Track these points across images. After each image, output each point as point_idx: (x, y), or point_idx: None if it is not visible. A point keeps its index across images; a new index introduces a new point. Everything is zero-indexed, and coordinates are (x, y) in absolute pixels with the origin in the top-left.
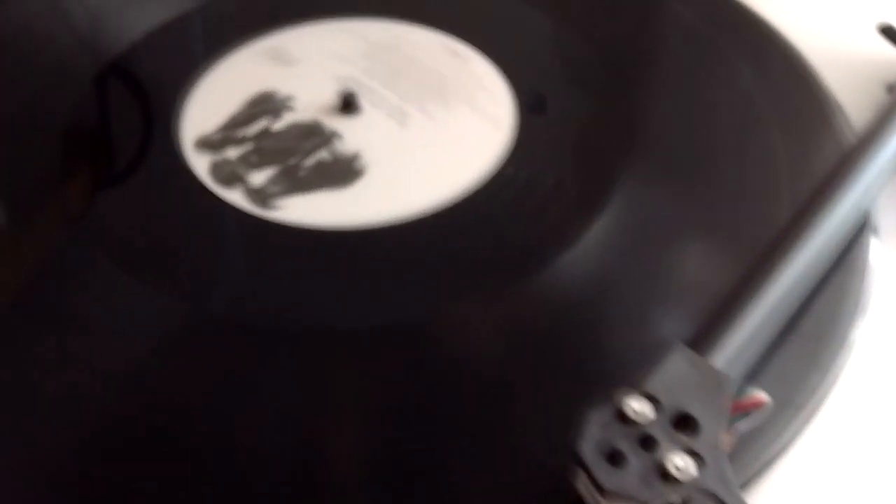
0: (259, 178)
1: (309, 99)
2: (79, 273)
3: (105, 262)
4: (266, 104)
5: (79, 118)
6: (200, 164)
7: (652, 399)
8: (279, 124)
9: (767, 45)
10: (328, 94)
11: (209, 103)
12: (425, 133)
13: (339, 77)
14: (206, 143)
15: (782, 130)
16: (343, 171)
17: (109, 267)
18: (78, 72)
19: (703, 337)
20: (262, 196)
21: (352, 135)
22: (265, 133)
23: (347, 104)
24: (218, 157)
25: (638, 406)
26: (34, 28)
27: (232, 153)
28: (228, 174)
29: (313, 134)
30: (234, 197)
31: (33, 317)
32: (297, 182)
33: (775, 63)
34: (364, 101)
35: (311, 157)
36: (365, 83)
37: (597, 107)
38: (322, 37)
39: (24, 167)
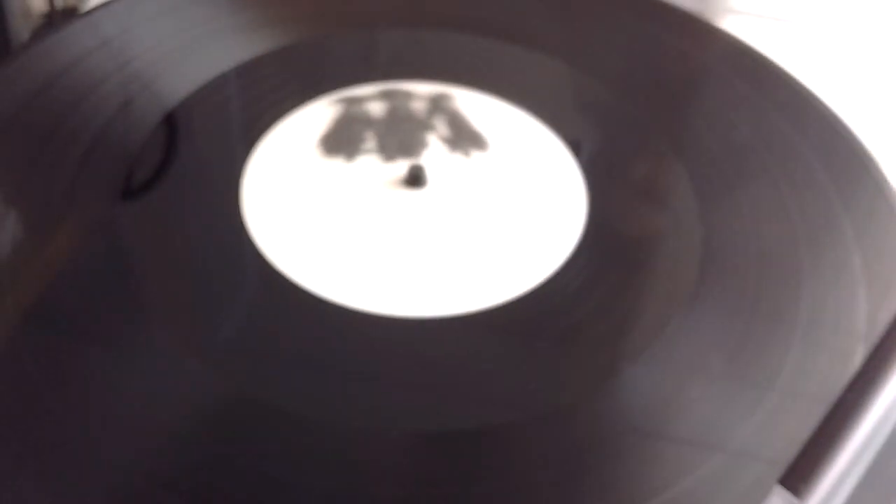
0: None
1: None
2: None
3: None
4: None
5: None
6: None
7: None
8: None
9: (838, 143)
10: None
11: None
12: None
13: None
14: None
15: (859, 247)
16: None
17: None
18: (140, 108)
19: (799, 477)
20: None
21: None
22: None
23: (415, 179)
24: None
25: None
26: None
27: None
28: None
29: None
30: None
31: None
32: None
33: (852, 170)
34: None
35: None
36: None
37: (671, 218)
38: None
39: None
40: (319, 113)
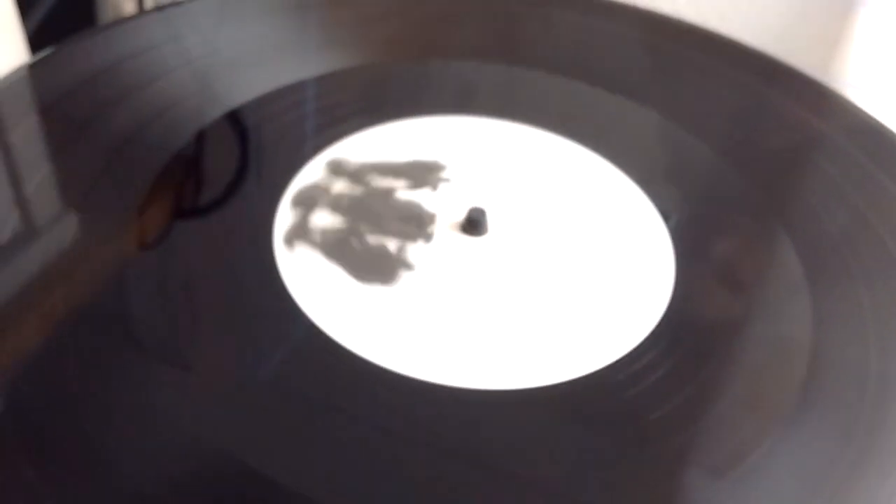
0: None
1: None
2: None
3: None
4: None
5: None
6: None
7: None
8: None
9: None
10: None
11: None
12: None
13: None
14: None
15: None
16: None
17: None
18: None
19: None
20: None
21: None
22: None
23: (472, 223)
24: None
25: None
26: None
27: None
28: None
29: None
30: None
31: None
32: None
33: None
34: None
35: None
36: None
37: (773, 310)
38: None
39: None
40: (354, 147)
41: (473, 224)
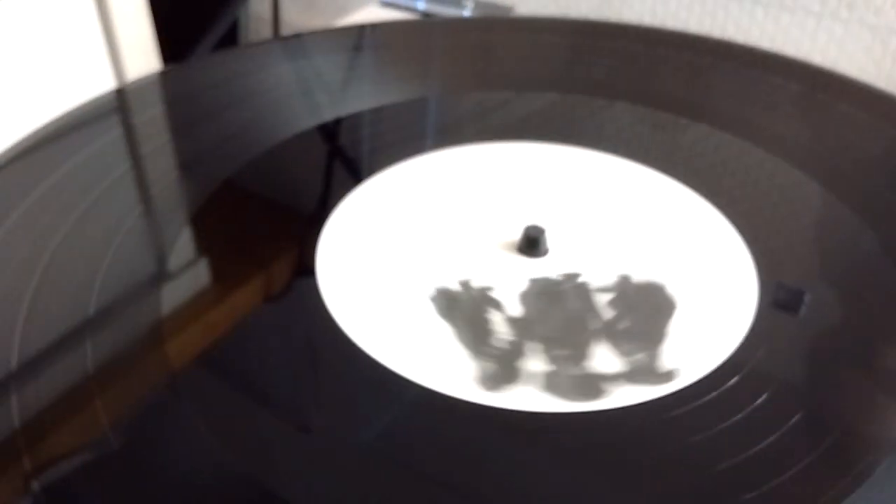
0: None
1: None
2: None
3: None
4: None
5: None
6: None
7: None
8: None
9: None
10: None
11: None
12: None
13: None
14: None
15: None
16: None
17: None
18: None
19: None
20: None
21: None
22: None
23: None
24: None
25: None
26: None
27: None
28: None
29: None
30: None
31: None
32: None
33: None
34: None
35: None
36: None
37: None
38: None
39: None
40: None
41: (532, 243)
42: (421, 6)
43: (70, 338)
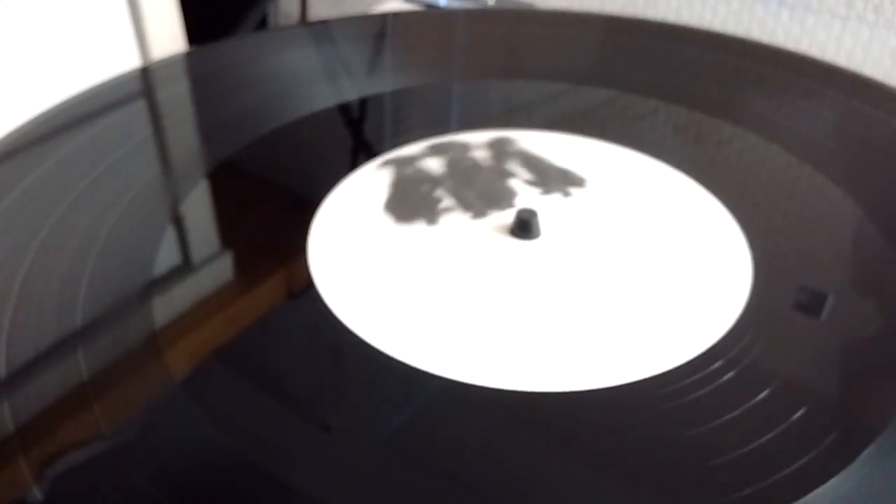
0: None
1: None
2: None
3: None
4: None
5: None
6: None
7: None
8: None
9: None
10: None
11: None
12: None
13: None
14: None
15: None
16: None
17: None
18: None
19: None
20: None
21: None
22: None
23: (522, 225)
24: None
25: None
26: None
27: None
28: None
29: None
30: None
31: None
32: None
33: None
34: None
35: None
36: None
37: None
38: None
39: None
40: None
41: (524, 226)
42: (443, 2)
43: (80, 329)
